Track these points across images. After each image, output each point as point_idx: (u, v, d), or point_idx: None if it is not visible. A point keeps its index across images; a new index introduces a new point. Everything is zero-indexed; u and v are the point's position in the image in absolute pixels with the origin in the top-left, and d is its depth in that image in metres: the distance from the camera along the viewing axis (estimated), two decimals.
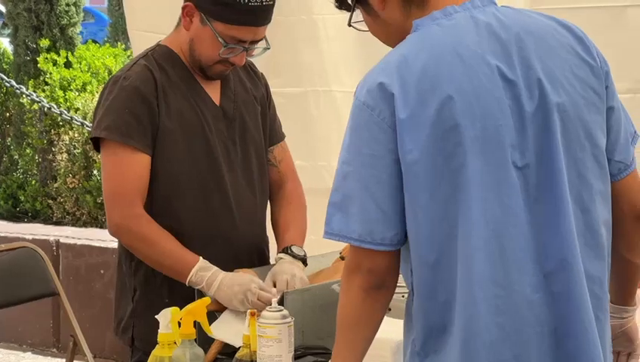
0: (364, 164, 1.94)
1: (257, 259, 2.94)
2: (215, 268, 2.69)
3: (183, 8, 2.81)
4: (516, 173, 1.91)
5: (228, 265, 2.73)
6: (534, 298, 1.91)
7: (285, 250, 2.86)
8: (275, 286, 2.69)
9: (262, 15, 2.78)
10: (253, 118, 2.96)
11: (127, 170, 2.76)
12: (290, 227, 2.99)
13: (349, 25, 2.18)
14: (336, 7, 2.17)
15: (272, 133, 3.05)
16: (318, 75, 4.16)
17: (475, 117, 1.90)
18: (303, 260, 2.85)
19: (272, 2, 2.78)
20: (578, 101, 1.97)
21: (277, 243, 2.99)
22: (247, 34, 2.78)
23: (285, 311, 2.33)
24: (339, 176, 1.98)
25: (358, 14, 2.15)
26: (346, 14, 4.24)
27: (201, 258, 2.70)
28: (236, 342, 2.43)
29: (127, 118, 2.75)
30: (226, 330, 2.58)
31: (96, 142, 2.82)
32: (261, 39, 2.83)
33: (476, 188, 1.89)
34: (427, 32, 1.97)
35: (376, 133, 1.93)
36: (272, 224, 3.03)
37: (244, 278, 2.68)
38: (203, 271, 2.68)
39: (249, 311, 2.37)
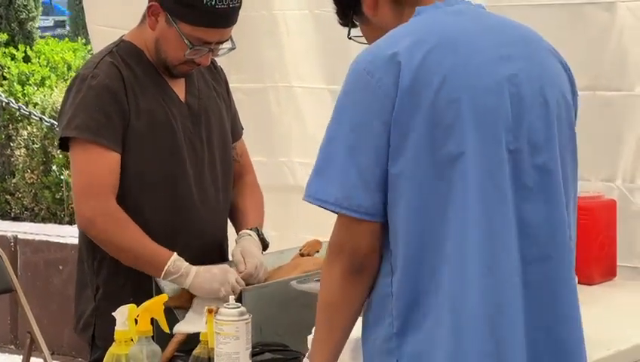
0: (352, 128, 1.91)
1: (218, 255, 2.93)
2: (187, 263, 2.70)
3: (149, 7, 2.79)
4: (507, 155, 1.93)
5: (191, 262, 2.72)
6: (516, 281, 1.92)
7: (255, 229, 2.88)
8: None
9: (228, 17, 2.76)
10: (217, 115, 2.95)
11: (99, 166, 2.74)
12: (253, 211, 3.00)
13: (349, 38, 2.18)
14: (341, 24, 2.17)
15: (235, 130, 3.05)
16: (279, 70, 4.15)
17: (476, 93, 1.90)
18: (266, 247, 2.87)
19: (238, 4, 2.76)
20: (566, 103, 2.03)
21: (237, 224, 2.99)
22: (213, 35, 2.77)
23: (243, 308, 2.32)
24: (324, 140, 1.95)
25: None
26: (306, 10, 4.25)
27: (175, 253, 2.71)
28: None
29: (97, 116, 2.73)
30: (194, 324, 2.57)
31: (64, 142, 2.80)
32: (227, 40, 2.82)
33: (472, 165, 1.89)
34: (432, 14, 1.99)
35: (371, 100, 1.90)
36: (232, 209, 3.03)
37: (220, 265, 2.72)
38: (180, 262, 2.69)
39: (207, 308, 2.36)
